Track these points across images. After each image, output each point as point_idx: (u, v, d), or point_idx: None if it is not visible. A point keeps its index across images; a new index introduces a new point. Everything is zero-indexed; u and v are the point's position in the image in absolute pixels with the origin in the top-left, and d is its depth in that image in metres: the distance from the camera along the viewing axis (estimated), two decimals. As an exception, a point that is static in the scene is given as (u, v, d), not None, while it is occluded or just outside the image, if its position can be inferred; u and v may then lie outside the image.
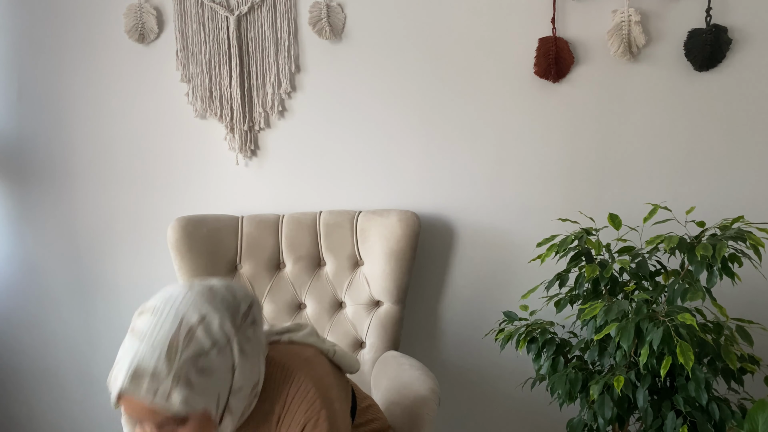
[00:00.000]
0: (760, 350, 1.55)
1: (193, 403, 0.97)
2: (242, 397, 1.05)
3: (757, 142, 1.83)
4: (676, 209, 1.64)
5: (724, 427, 1.40)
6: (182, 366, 0.96)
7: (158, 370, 0.95)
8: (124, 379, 0.96)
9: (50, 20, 2.05)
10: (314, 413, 1.08)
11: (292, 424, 1.08)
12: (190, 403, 0.97)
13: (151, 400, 0.95)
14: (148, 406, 0.96)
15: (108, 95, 2.06)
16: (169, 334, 0.97)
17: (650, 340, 1.33)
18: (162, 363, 0.96)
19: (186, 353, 0.97)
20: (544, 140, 1.91)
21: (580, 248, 1.59)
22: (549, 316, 1.72)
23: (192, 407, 0.97)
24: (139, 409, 0.97)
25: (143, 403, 0.96)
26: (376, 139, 1.98)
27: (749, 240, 1.40)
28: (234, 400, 1.04)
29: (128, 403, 0.98)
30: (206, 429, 1.01)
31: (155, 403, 0.95)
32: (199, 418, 1.00)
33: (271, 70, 1.98)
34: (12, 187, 2.14)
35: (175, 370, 0.96)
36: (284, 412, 1.09)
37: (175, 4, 1.99)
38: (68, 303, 2.17)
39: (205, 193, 2.06)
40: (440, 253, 2.00)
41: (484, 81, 1.91)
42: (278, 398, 1.09)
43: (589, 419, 1.52)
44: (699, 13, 1.80)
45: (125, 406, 0.99)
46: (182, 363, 0.96)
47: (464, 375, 2.05)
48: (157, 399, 0.95)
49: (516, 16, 1.87)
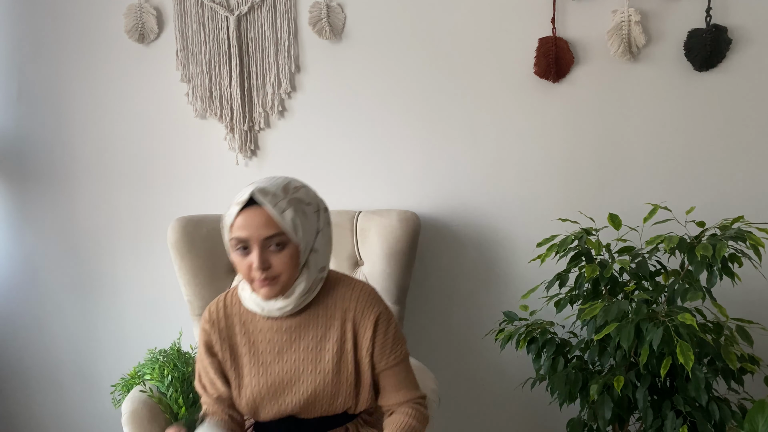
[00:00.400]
0: (760, 350, 1.55)
1: (296, 228, 1.19)
2: (317, 262, 1.25)
3: (757, 141, 1.83)
4: (676, 209, 1.64)
5: (724, 427, 1.41)
6: (292, 200, 1.21)
7: (278, 193, 1.20)
8: (252, 191, 1.18)
9: (50, 20, 2.05)
10: (384, 308, 1.30)
11: (366, 311, 1.27)
12: (296, 227, 1.19)
13: (272, 209, 1.18)
14: (268, 214, 1.18)
15: (108, 95, 2.06)
16: (283, 182, 1.23)
17: (650, 340, 1.33)
18: (280, 191, 1.21)
19: (295, 195, 1.22)
20: (544, 140, 1.91)
21: (580, 248, 1.59)
22: (549, 316, 1.72)
23: (295, 231, 1.19)
24: (258, 221, 1.18)
25: (264, 213, 1.18)
26: (376, 139, 1.98)
27: (749, 240, 1.40)
28: (312, 257, 1.24)
29: (248, 216, 1.18)
30: (293, 264, 1.21)
31: (273, 213, 1.18)
32: (292, 251, 1.20)
33: (271, 70, 1.98)
34: (12, 187, 2.14)
35: (288, 198, 1.20)
36: (355, 307, 1.28)
37: (175, 4, 1.99)
38: (68, 303, 2.17)
39: (205, 193, 2.06)
40: (440, 253, 2.00)
41: (484, 81, 1.91)
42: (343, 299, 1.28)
43: (589, 419, 1.52)
44: (699, 13, 1.79)
45: (241, 222, 1.18)
46: (292, 198, 1.21)
47: (464, 375, 2.05)
48: (276, 210, 1.18)
49: (516, 16, 1.87)
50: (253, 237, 1.18)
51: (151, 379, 1.58)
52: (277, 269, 1.20)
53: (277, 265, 1.20)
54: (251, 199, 1.19)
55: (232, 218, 1.20)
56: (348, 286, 1.30)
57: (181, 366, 1.61)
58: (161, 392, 1.56)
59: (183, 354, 1.67)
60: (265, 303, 1.25)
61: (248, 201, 1.19)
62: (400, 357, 1.29)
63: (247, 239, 1.19)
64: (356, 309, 1.28)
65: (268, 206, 1.18)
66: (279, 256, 1.20)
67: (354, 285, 1.31)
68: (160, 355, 1.65)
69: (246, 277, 1.22)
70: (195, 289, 1.81)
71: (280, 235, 1.19)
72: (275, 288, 1.21)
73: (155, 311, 2.12)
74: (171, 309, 2.08)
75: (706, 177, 1.86)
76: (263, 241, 1.18)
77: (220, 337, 1.30)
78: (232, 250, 1.22)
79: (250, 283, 1.23)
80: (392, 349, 1.28)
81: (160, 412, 1.52)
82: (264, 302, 1.25)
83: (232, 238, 1.21)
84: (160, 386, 1.56)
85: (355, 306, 1.28)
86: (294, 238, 1.20)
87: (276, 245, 1.19)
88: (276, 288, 1.21)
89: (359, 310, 1.28)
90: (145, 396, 1.53)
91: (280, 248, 1.20)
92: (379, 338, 1.27)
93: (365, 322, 1.27)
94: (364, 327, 1.27)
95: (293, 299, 1.24)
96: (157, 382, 1.57)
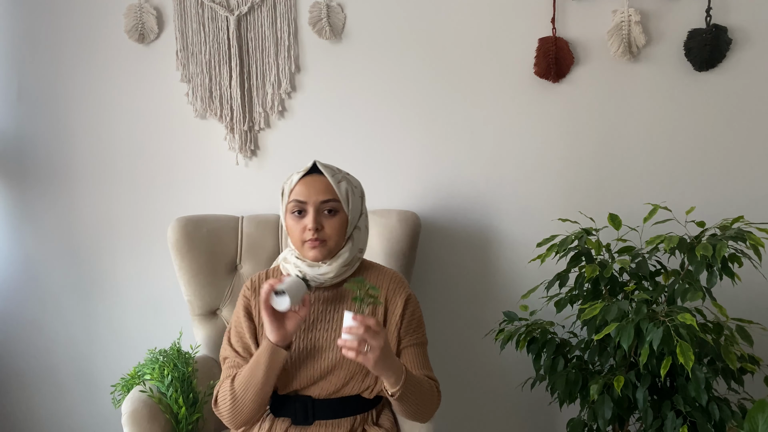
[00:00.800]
0: (760, 350, 1.55)
1: (348, 199, 1.36)
2: (359, 240, 1.40)
3: (757, 141, 1.83)
4: (676, 209, 1.64)
5: (724, 427, 1.41)
6: (346, 177, 1.39)
7: (335, 168, 1.39)
8: (315, 161, 1.37)
9: (50, 20, 2.05)
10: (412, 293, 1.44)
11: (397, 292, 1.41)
12: (347, 198, 1.36)
13: (330, 178, 1.34)
14: (327, 181, 1.34)
15: (108, 95, 2.06)
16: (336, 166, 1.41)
17: (650, 340, 1.33)
18: (336, 168, 1.39)
19: (347, 176, 1.39)
20: (544, 140, 1.91)
21: (580, 248, 1.59)
22: (549, 316, 1.72)
23: (346, 201, 1.35)
24: (317, 186, 1.34)
25: (324, 180, 1.34)
26: (376, 139, 1.98)
27: (749, 240, 1.40)
28: (356, 233, 1.39)
29: (309, 182, 1.34)
30: (341, 232, 1.35)
31: (331, 181, 1.34)
32: (342, 219, 1.35)
33: (271, 70, 1.98)
34: (12, 187, 2.14)
35: (343, 174, 1.38)
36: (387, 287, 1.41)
37: (175, 4, 1.99)
38: (68, 303, 2.17)
39: (205, 193, 2.06)
40: (440, 253, 2.00)
41: (484, 81, 1.91)
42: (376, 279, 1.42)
43: (589, 419, 1.52)
44: (699, 13, 1.80)
45: (302, 186, 1.34)
46: (346, 175, 1.39)
47: (464, 375, 2.05)
48: (333, 180, 1.35)
49: (516, 16, 1.87)
50: (311, 200, 1.33)
51: (151, 379, 1.58)
52: (327, 232, 1.34)
53: (328, 228, 1.34)
54: (312, 169, 1.36)
55: (293, 184, 1.35)
56: (380, 270, 1.46)
57: (181, 366, 1.61)
58: (161, 392, 1.56)
59: (183, 354, 1.67)
60: (309, 268, 1.35)
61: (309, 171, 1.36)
62: (421, 338, 1.42)
63: (305, 201, 1.33)
64: (388, 289, 1.41)
65: (327, 174, 1.35)
66: (331, 221, 1.34)
67: (386, 270, 1.46)
68: (160, 355, 1.65)
69: (298, 239, 1.35)
70: (195, 289, 1.81)
71: (335, 201, 1.34)
72: (323, 250, 1.34)
73: (155, 311, 2.12)
74: (171, 309, 2.08)
75: (706, 177, 1.86)
76: (319, 204, 1.33)
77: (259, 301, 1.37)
78: (288, 213, 1.36)
79: (301, 245, 1.35)
80: (416, 330, 1.41)
81: (160, 412, 1.52)
82: (308, 268, 1.35)
83: (291, 201, 1.35)
84: (160, 386, 1.56)
85: (387, 286, 1.42)
86: (345, 208, 1.35)
87: (328, 211, 1.34)
88: (324, 250, 1.34)
89: (391, 290, 1.41)
90: (145, 396, 1.53)
91: (332, 214, 1.34)
92: (407, 317, 1.40)
93: (396, 301, 1.40)
94: (394, 305, 1.40)
95: (335, 267, 1.35)
96: (157, 382, 1.57)
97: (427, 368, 1.40)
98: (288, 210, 1.36)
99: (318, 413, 1.38)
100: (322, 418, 1.38)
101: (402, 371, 1.25)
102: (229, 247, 1.86)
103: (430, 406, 1.34)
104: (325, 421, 1.38)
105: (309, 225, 1.32)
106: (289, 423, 1.38)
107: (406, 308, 1.40)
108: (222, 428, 1.72)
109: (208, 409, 1.66)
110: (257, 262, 1.85)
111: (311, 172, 1.36)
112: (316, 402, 1.38)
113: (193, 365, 1.65)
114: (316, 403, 1.38)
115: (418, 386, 1.29)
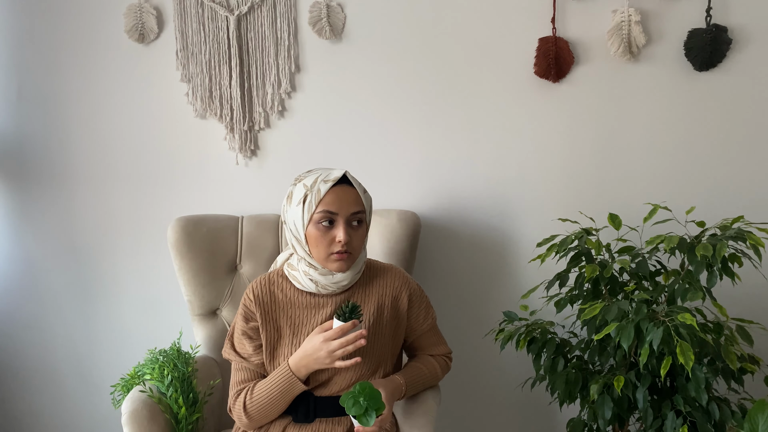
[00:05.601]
0: (760, 350, 1.55)
1: (370, 209, 1.38)
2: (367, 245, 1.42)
3: (757, 141, 1.83)
4: (676, 209, 1.64)
5: (724, 427, 1.41)
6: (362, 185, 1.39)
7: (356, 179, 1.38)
8: (345, 172, 1.34)
9: (50, 20, 2.05)
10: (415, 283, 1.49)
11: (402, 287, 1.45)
12: (370, 208, 1.39)
13: (359, 190, 1.35)
14: (357, 193, 1.34)
15: (108, 95, 2.06)
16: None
17: (650, 340, 1.33)
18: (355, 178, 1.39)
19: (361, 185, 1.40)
20: (544, 140, 1.91)
21: (580, 248, 1.59)
22: (549, 316, 1.72)
23: (370, 212, 1.38)
24: (350, 198, 1.33)
25: (354, 192, 1.34)
26: (376, 139, 1.98)
27: (749, 240, 1.40)
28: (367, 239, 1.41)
29: (341, 192, 1.32)
30: (363, 242, 1.37)
31: (360, 194, 1.35)
32: (365, 230, 1.37)
33: (271, 70, 1.98)
34: (12, 187, 2.14)
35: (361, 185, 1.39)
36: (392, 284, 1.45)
37: (175, 4, 1.99)
38: (68, 303, 2.17)
39: (205, 193, 2.06)
40: (440, 253, 2.00)
41: (484, 81, 1.91)
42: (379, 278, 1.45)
43: (589, 419, 1.52)
44: (699, 13, 1.80)
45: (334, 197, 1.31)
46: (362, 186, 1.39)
47: (464, 375, 2.05)
48: (359, 190, 1.36)
49: (516, 16, 1.87)
50: (342, 211, 1.32)
51: (151, 379, 1.58)
52: (354, 244, 1.34)
53: (355, 240, 1.34)
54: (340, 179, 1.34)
55: (322, 194, 1.31)
56: (383, 268, 1.48)
57: (181, 366, 1.61)
58: (161, 392, 1.56)
59: (183, 354, 1.67)
60: (323, 278, 1.36)
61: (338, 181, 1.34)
62: (432, 321, 1.52)
63: (337, 213, 1.32)
64: (394, 287, 1.45)
65: (358, 188, 1.35)
66: (357, 232, 1.35)
67: (387, 267, 1.49)
68: (160, 355, 1.65)
69: (324, 250, 1.33)
70: (195, 288, 1.81)
71: (362, 213, 1.35)
72: (349, 262, 1.34)
73: (155, 311, 2.12)
74: (171, 309, 2.08)
75: (706, 177, 1.86)
76: (350, 216, 1.33)
77: (262, 310, 1.41)
78: (313, 224, 1.32)
79: (326, 256, 1.33)
80: (426, 315, 1.50)
81: (160, 412, 1.52)
82: (320, 276, 1.36)
83: (320, 211, 1.31)
84: (160, 386, 1.56)
85: (393, 285, 1.45)
86: (367, 218, 1.38)
87: (356, 222, 1.35)
88: (349, 262, 1.35)
89: (398, 288, 1.45)
90: (145, 396, 1.53)
91: (359, 225, 1.35)
92: (415, 308, 1.47)
93: (402, 297, 1.45)
94: (400, 301, 1.45)
95: (350, 275, 1.38)
96: (157, 382, 1.57)
97: (441, 344, 1.54)
98: (314, 220, 1.32)
99: (319, 411, 1.39)
100: (322, 416, 1.39)
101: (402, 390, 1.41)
102: (229, 247, 1.86)
103: (433, 382, 1.52)
104: (325, 418, 1.39)
105: (340, 237, 1.31)
106: (290, 420, 1.39)
107: (411, 303, 1.47)
108: (222, 428, 1.72)
109: (208, 409, 1.66)
110: (257, 262, 1.85)
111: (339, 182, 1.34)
112: (318, 400, 1.39)
113: (193, 365, 1.65)
114: (318, 401, 1.39)
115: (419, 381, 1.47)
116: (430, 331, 1.52)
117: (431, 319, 1.51)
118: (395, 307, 1.45)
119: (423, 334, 1.50)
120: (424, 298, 1.51)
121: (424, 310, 1.50)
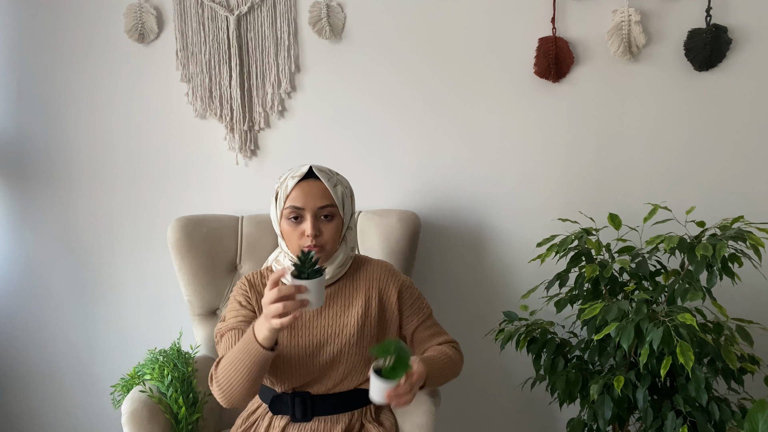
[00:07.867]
0: (760, 350, 1.55)
1: (343, 203, 1.37)
2: (351, 240, 1.43)
3: (757, 141, 1.83)
4: (676, 209, 1.64)
5: (724, 427, 1.41)
6: (340, 180, 1.39)
7: (329, 172, 1.39)
8: (311, 166, 1.36)
9: (50, 20, 2.05)
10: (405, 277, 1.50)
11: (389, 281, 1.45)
12: (343, 202, 1.37)
13: (326, 182, 1.34)
14: (324, 186, 1.34)
15: (108, 95, 2.06)
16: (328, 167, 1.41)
17: (650, 340, 1.33)
18: (330, 171, 1.39)
19: (339, 178, 1.40)
20: (544, 140, 1.91)
21: (580, 248, 1.59)
22: (549, 316, 1.72)
23: (342, 205, 1.36)
24: (315, 192, 1.33)
25: (320, 185, 1.34)
26: (376, 139, 1.98)
27: (749, 240, 1.40)
28: (348, 234, 1.41)
29: (306, 187, 1.33)
30: (337, 236, 1.37)
31: (328, 186, 1.34)
32: (338, 224, 1.36)
33: (271, 70, 1.98)
34: (12, 187, 2.13)
35: (337, 177, 1.39)
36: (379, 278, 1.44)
37: (175, 4, 1.99)
38: (68, 303, 2.17)
39: (205, 193, 2.06)
40: (440, 253, 2.00)
41: (484, 81, 1.91)
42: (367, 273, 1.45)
43: (589, 419, 1.52)
44: (699, 13, 1.80)
45: (299, 192, 1.33)
46: (339, 178, 1.40)
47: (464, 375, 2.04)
48: (329, 184, 1.35)
49: (516, 16, 1.87)
50: (308, 206, 1.33)
51: (151, 379, 1.58)
52: (325, 237, 1.34)
53: (326, 233, 1.35)
54: (307, 174, 1.35)
55: (288, 189, 1.34)
56: (370, 263, 1.48)
57: (181, 366, 1.61)
58: (161, 392, 1.56)
59: (183, 354, 1.67)
60: None
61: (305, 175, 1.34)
62: (426, 312, 1.50)
63: (303, 208, 1.33)
64: (380, 280, 1.45)
65: (323, 179, 1.35)
66: (328, 226, 1.35)
67: (375, 262, 1.49)
68: (160, 355, 1.65)
69: (294, 245, 1.35)
70: (195, 289, 1.81)
71: (331, 206, 1.35)
72: (321, 255, 1.34)
73: (155, 311, 2.12)
74: (171, 309, 2.08)
75: (706, 177, 1.86)
76: (317, 210, 1.33)
77: (257, 296, 1.40)
78: (284, 219, 1.35)
79: (298, 250, 1.33)
80: (419, 308, 1.48)
81: (160, 412, 1.52)
82: None
83: (287, 207, 1.34)
84: (160, 386, 1.56)
85: (379, 278, 1.45)
86: (340, 212, 1.36)
87: (325, 216, 1.35)
88: (322, 256, 1.35)
89: (383, 281, 1.45)
90: (145, 396, 1.53)
91: (328, 219, 1.35)
92: (405, 302, 1.46)
93: (389, 291, 1.44)
94: (388, 295, 1.44)
95: (331, 269, 1.37)
96: (157, 382, 1.57)
97: (440, 334, 1.49)
98: (284, 215, 1.35)
99: (317, 409, 1.39)
100: (320, 414, 1.39)
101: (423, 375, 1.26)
102: (229, 247, 1.86)
103: (454, 371, 1.46)
104: (323, 417, 1.39)
105: (308, 231, 1.32)
106: (288, 420, 1.39)
107: (401, 296, 1.46)
108: (222, 428, 1.72)
109: (208, 409, 1.66)
110: (257, 261, 1.85)
111: (306, 176, 1.35)
112: (315, 398, 1.39)
113: (193, 365, 1.65)
114: (315, 399, 1.39)
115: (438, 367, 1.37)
116: (427, 321, 1.49)
117: (426, 308, 1.50)
118: (382, 300, 1.44)
119: (420, 324, 1.48)
120: (415, 291, 1.50)
121: (416, 302, 1.48)
